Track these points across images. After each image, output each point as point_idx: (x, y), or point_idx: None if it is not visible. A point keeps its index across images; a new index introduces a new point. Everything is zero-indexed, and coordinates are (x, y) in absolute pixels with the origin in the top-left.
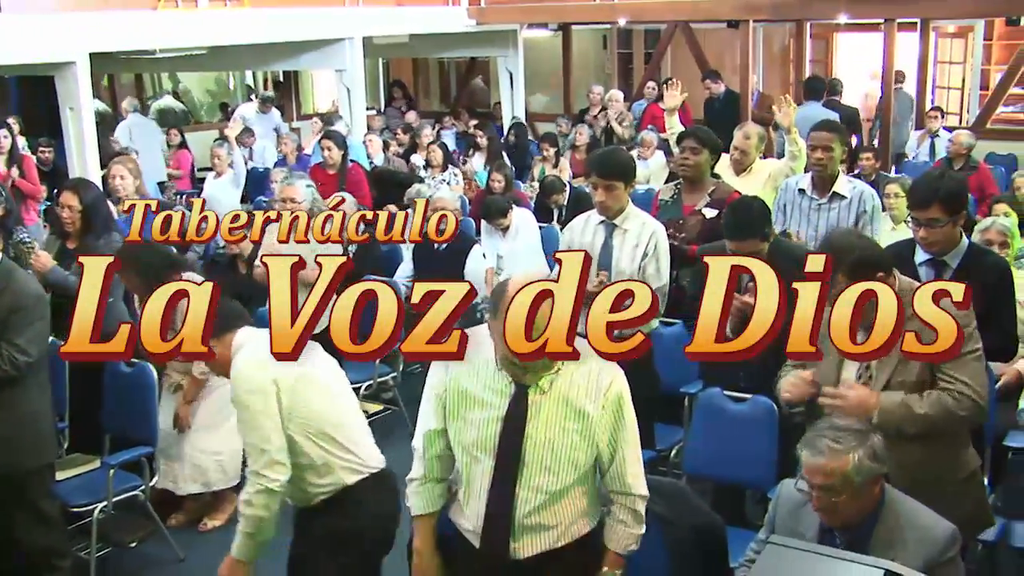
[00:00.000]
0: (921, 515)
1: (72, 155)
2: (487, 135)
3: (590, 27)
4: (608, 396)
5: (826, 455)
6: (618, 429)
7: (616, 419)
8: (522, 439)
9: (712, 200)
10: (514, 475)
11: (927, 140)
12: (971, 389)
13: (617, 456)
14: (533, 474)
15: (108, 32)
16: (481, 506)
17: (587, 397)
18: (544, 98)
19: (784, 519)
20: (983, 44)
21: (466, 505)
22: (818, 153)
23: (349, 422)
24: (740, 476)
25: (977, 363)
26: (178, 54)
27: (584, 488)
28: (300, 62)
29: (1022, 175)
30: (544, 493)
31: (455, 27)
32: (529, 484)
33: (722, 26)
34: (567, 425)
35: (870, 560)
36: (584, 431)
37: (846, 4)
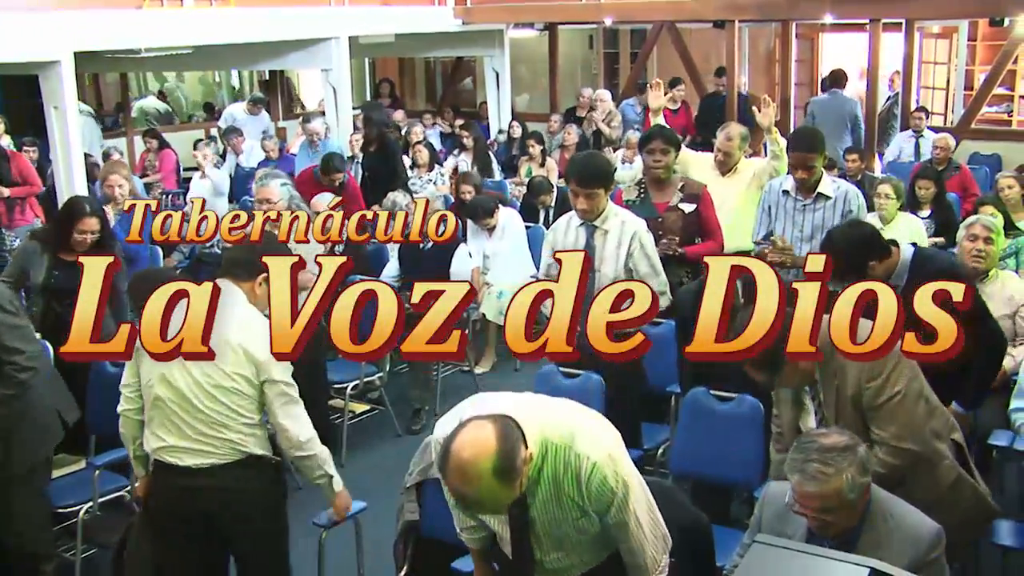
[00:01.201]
0: (907, 515)
1: (57, 155)
2: (473, 135)
3: (576, 27)
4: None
5: (819, 481)
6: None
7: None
8: (527, 526)
9: (686, 195)
10: (530, 554)
11: (911, 141)
12: (895, 438)
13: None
14: (548, 549)
15: (93, 31)
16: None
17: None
18: (530, 98)
19: (771, 521)
20: (967, 45)
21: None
22: (800, 173)
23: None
24: (726, 475)
25: (899, 407)
26: (163, 53)
27: (604, 540)
28: (286, 62)
29: (1006, 176)
30: (560, 558)
31: (441, 27)
32: (546, 555)
33: (708, 26)
34: (563, 503)
35: (856, 559)
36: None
37: (831, 4)
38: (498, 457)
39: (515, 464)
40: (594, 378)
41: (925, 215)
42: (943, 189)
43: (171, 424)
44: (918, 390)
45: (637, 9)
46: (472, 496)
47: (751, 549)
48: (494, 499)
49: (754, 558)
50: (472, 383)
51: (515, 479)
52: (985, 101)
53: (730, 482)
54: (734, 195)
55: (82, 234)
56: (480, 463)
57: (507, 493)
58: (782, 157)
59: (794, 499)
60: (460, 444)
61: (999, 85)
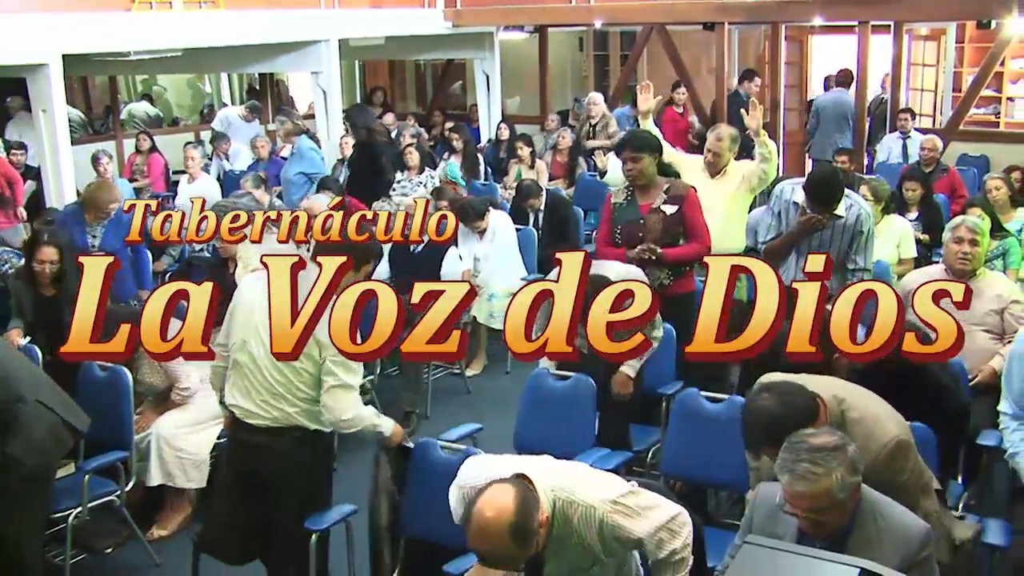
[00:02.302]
0: (897, 515)
1: (46, 158)
2: (463, 138)
3: (566, 29)
4: (603, 526)
5: (809, 481)
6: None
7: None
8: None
9: (669, 197)
10: None
11: (899, 142)
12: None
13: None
14: None
15: (81, 33)
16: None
17: (587, 531)
18: (522, 100)
19: (761, 522)
20: (955, 47)
21: None
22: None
23: None
24: (717, 477)
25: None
26: (152, 56)
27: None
28: (276, 64)
29: (994, 177)
30: None
31: (431, 29)
32: None
33: (698, 28)
34: (576, 554)
35: (847, 559)
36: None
37: (820, 7)
38: (516, 519)
39: (532, 527)
40: (584, 380)
41: (913, 217)
42: (931, 191)
43: (243, 386)
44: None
45: (627, 12)
46: (490, 554)
47: (742, 550)
48: (511, 558)
49: (745, 559)
50: (463, 385)
51: (531, 540)
52: (973, 103)
53: (720, 484)
54: (723, 197)
55: (41, 264)
56: (500, 525)
57: (523, 553)
58: (771, 160)
59: (784, 499)
60: (482, 505)
61: (986, 87)
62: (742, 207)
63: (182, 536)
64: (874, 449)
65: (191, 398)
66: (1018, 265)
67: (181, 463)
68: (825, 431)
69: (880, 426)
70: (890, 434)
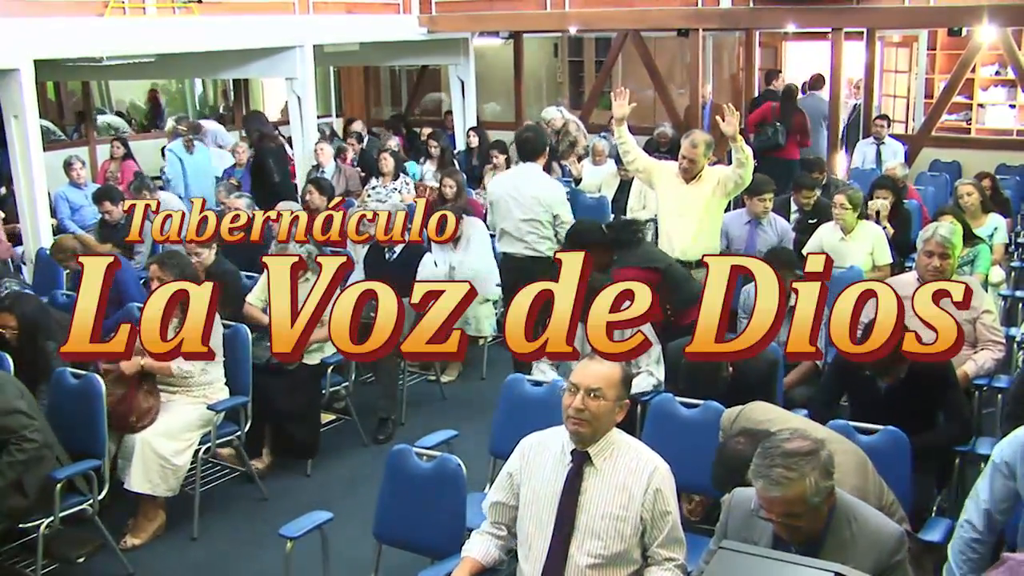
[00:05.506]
0: (870, 519)
1: (17, 164)
2: (441, 145)
3: (541, 35)
4: (651, 483)
5: (783, 486)
6: (657, 514)
7: (655, 503)
8: (576, 508)
9: None
10: (568, 537)
11: (873, 147)
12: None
13: (656, 533)
14: (585, 539)
15: (54, 39)
16: (539, 566)
17: (634, 481)
18: (496, 106)
19: (736, 527)
20: (927, 53)
21: (525, 561)
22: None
23: None
24: (692, 481)
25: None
26: (125, 62)
27: (633, 555)
28: (250, 70)
29: (965, 183)
30: (593, 557)
31: (406, 35)
32: (581, 548)
33: (672, 35)
34: (614, 499)
35: (821, 564)
36: (628, 506)
37: (794, 14)
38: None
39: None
40: (559, 385)
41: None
42: (901, 199)
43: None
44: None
45: (601, 18)
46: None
47: (717, 555)
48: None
49: (720, 564)
50: (438, 392)
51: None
52: (945, 109)
53: (696, 488)
54: (697, 202)
55: (3, 329)
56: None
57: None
58: (747, 165)
59: (759, 504)
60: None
61: (958, 93)
62: (716, 212)
63: (155, 545)
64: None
65: (188, 384)
66: (986, 269)
67: (163, 471)
68: (799, 436)
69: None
70: (848, 484)
